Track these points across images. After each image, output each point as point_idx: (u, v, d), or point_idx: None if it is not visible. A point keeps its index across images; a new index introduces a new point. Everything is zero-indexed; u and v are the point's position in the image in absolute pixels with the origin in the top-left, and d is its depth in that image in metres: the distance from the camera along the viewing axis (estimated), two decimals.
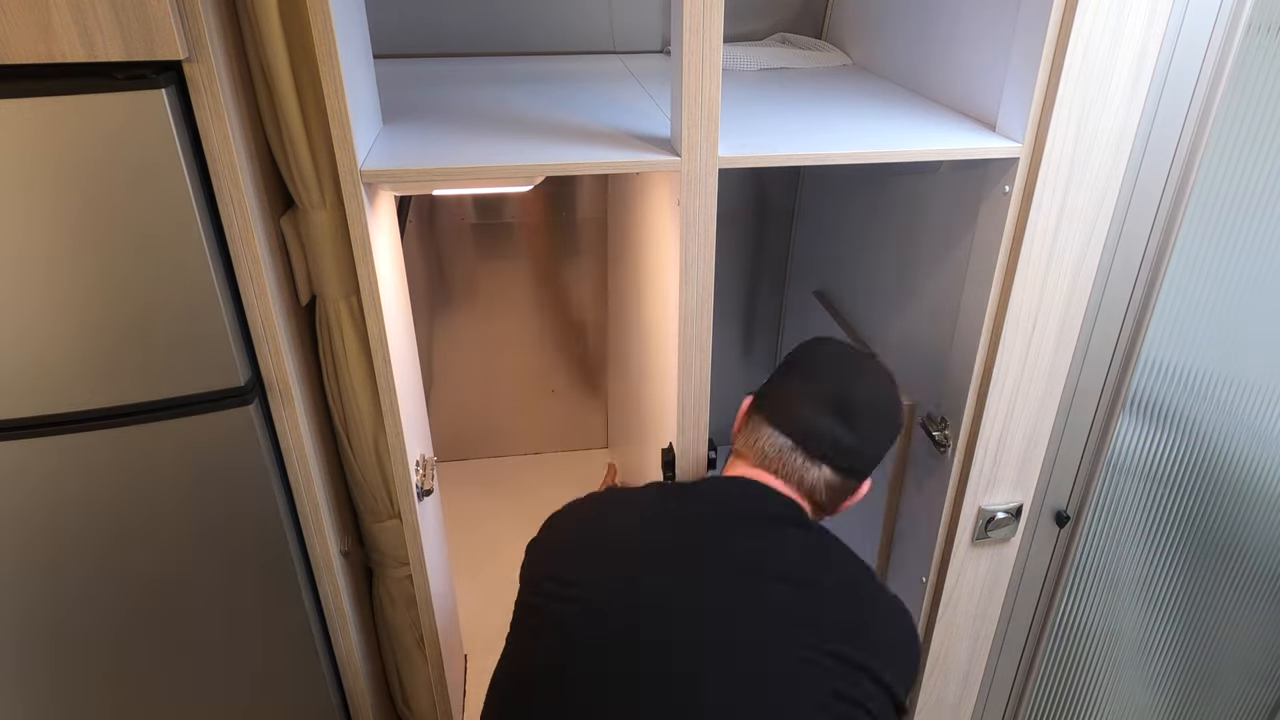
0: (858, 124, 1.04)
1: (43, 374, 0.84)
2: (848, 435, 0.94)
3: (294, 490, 1.00)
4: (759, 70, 1.40)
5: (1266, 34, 0.90)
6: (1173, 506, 1.23)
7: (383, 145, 0.92)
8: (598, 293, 1.91)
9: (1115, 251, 1.01)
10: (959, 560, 1.18)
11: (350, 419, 1.05)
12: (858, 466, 0.96)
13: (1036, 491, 1.16)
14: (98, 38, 0.71)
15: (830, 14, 1.58)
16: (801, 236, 1.79)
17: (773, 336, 1.98)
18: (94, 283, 0.81)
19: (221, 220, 0.85)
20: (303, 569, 1.05)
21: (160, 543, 0.96)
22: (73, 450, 0.88)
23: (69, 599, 0.96)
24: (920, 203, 1.20)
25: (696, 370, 1.04)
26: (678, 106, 0.89)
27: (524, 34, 1.53)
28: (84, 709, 1.04)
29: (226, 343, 0.88)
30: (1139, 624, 1.34)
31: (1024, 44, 0.92)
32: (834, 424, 0.94)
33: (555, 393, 2.02)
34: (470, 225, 1.77)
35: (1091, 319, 1.05)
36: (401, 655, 1.26)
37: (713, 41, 0.84)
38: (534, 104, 1.13)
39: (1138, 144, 0.94)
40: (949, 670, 1.30)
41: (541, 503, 1.91)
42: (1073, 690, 1.40)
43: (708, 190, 0.92)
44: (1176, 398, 1.13)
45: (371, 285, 0.91)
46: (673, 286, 1.03)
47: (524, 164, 0.88)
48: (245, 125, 0.85)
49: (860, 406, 0.95)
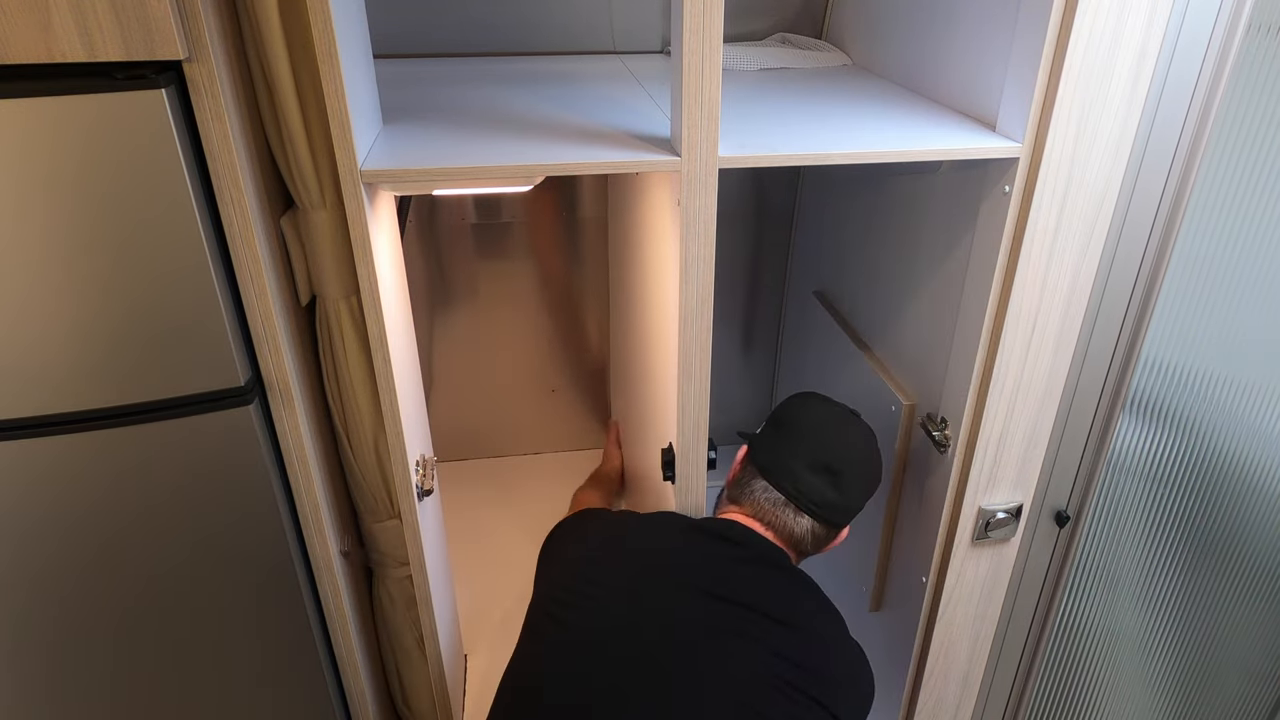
0: (858, 124, 1.04)
1: (42, 374, 0.84)
2: (833, 493, 1.06)
3: (294, 490, 1.00)
4: (759, 70, 1.40)
5: (1266, 34, 0.90)
6: (1173, 506, 1.23)
7: (383, 145, 0.92)
8: (598, 292, 1.91)
9: (1115, 251, 1.01)
10: (959, 560, 1.18)
11: (350, 419, 1.05)
12: (840, 520, 1.08)
13: (1036, 491, 1.16)
14: (98, 38, 0.71)
15: (830, 14, 1.58)
16: (801, 236, 1.79)
17: (773, 336, 1.98)
18: (94, 283, 0.81)
19: (221, 220, 0.85)
20: (303, 569, 1.04)
21: (160, 543, 0.96)
22: (73, 450, 0.88)
23: (68, 599, 0.96)
24: (920, 203, 1.20)
25: (696, 370, 1.04)
26: (678, 106, 0.89)
27: (524, 34, 1.53)
28: (84, 709, 1.04)
29: (226, 343, 0.88)
30: (1139, 624, 1.34)
31: (1024, 44, 0.92)
32: (822, 483, 1.05)
33: (555, 393, 2.02)
34: (470, 225, 1.77)
35: (1091, 319, 1.05)
36: (401, 655, 1.26)
37: (713, 41, 0.84)
38: (534, 104, 1.13)
39: (1138, 144, 0.94)
40: (949, 670, 1.30)
41: (541, 503, 1.91)
42: (1073, 690, 1.40)
43: (708, 190, 0.92)
44: (1176, 398, 1.13)
45: (371, 285, 0.91)
46: (673, 286, 1.03)
47: (524, 164, 0.88)
48: (245, 125, 0.85)
49: (845, 467, 1.07)
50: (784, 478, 1.06)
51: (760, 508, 1.06)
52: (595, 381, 2.03)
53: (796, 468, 1.06)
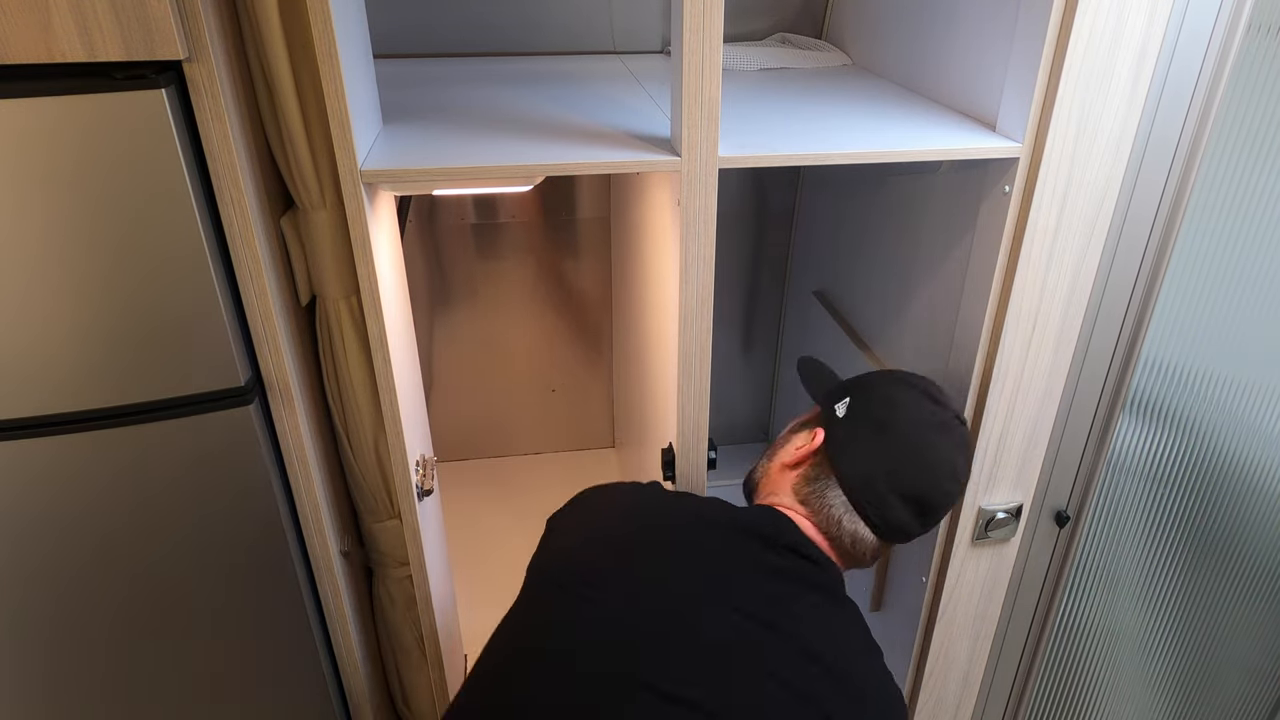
0: (858, 124, 1.04)
1: (42, 374, 0.84)
2: (917, 526, 0.93)
3: (294, 490, 1.00)
4: (759, 70, 1.40)
5: (1266, 34, 0.90)
6: (1173, 506, 1.23)
7: (383, 145, 0.92)
8: (598, 292, 1.91)
9: (1115, 251, 1.01)
10: (959, 560, 1.18)
11: (350, 419, 1.05)
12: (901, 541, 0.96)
13: (1036, 491, 1.16)
14: (98, 38, 0.71)
15: (830, 14, 1.58)
16: (801, 236, 1.79)
17: (773, 336, 1.98)
18: (93, 283, 0.81)
19: (221, 220, 0.85)
20: (303, 569, 1.04)
21: (159, 542, 0.96)
22: (73, 450, 0.88)
23: (68, 599, 0.96)
24: (920, 203, 1.20)
25: (696, 370, 1.04)
26: (678, 106, 0.89)
27: (524, 34, 1.53)
28: (83, 709, 1.04)
29: (226, 343, 0.88)
30: (1139, 624, 1.34)
31: (1024, 44, 0.92)
32: (909, 515, 0.92)
33: (556, 392, 2.02)
34: (470, 225, 1.77)
35: (1091, 319, 1.05)
36: (401, 655, 1.26)
37: (713, 41, 0.84)
38: (534, 104, 1.13)
39: (1138, 144, 0.94)
40: (949, 670, 1.30)
41: (541, 503, 1.90)
42: (1073, 690, 1.40)
43: (708, 190, 0.92)
44: (1176, 398, 1.13)
45: (371, 285, 0.91)
46: (673, 286, 1.03)
47: (524, 164, 0.88)
48: (245, 125, 0.85)
49: (941, 502, 0.93)
50: (869, 501, 0.91)
51: (827, 519, 0.92)
52: (595, 381, 2.03)
53: (885, 491, 0.91)
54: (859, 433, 0.94)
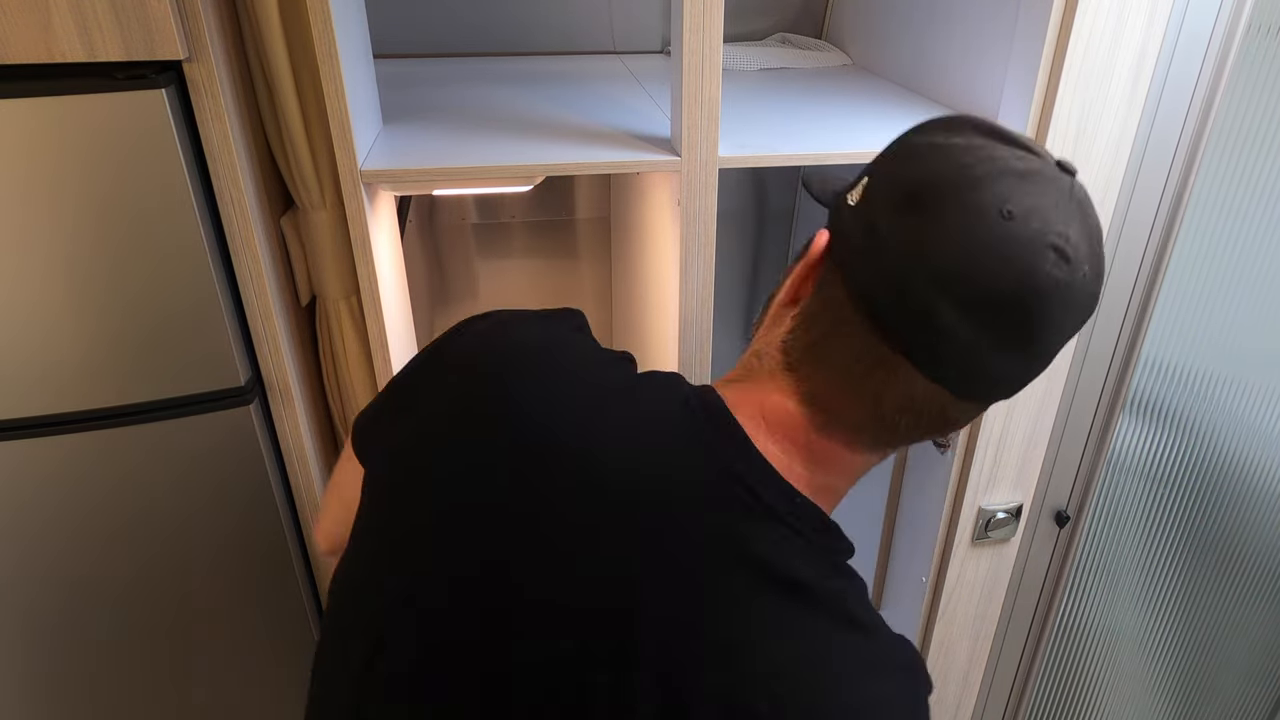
0: (858, 124, 1.03)
1: (43, 374, 0.84)
2: (1008, 363, 0.52)
3: (294, 490, 1.00)
4: (759, 70, 1.40)
5: (1266, 34, 0.90)
6: (1173, 506, 1.23)
7: (383, 145, 0.92)
8: (598, 292, 1.91)
9: (1115, 251, 1.01)
10: (959, 560, 1.18)
11: (350, 419, 1.05)
12: (995, 397, 0.56)
13: (1036, 491, 1.16)
14: (98, 38, 0.71)
15: (830, 14, 1.57)
16: (801, 237, 1.79)
17: None
18: (93, 283, 0.81)
19: (221, 220, 0.85)
20: (303, 569, 1.04)
21: (160, 542, 0.96)
22: (73, 450, 0.88)
23: (68, 599, 0.96)
24: None
25: (696, 370, 1.04)
26: (678, 106, 0.89)
27: (524, 34, 1.53)
28: (83, 708, 1.04)
29: (226, 343, 0.88)
30: (1139, 624, 1.35)
31: (1024, 44, 0.92)
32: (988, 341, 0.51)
33: None
34: (470, 225, 1.77)
35: (1091, 319, 1.05)
36: None
37: (713, 41, 0.84)
38: (534, 104, 1.13)
39: (1138, 144, 0.94)
40: (949, 670, 1.30)
41: None
42: (1073, 690, 1.40)
43: (708, 190, 0.92)
44: (1176, 398, 1.13)
45: (371, 285, 0.91)
46: (673, 287, 1.03)
47: (524, 164, 0.88)
48: (245, 125, 0.85)
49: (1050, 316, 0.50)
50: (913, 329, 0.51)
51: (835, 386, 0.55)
52: None
53: (939, 304, 0.50)
54: (881, 217, 0.54)
